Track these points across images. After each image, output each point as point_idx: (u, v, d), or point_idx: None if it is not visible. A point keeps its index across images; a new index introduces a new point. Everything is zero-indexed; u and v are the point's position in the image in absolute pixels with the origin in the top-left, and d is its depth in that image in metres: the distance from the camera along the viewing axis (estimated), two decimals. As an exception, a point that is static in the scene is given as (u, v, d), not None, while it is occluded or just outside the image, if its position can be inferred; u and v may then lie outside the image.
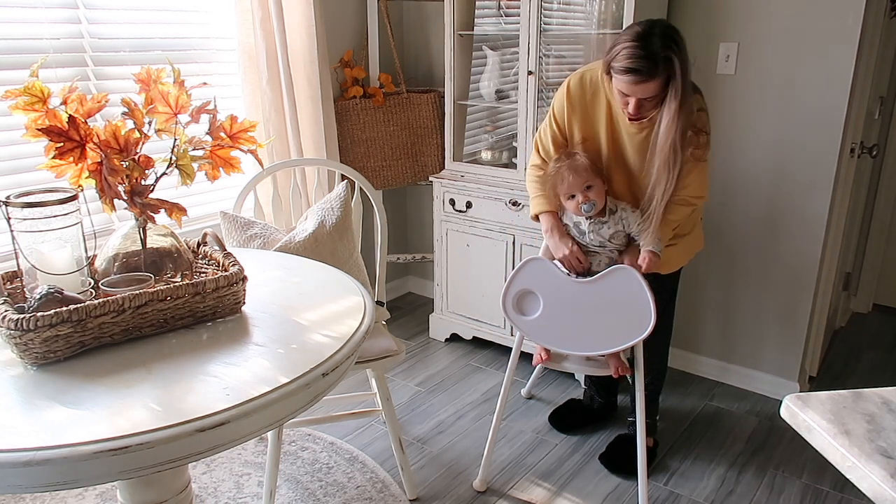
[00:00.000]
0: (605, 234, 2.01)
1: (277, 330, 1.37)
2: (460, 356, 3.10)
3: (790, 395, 1.08)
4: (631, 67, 1.75)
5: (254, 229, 2.09)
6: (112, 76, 2.36)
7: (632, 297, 1.93)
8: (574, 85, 2.02)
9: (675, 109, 1.79)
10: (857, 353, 3.17)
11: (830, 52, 2.37)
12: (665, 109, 1.81)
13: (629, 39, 1.76)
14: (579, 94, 2.01)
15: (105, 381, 1.17)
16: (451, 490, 2.22)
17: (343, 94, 3.11)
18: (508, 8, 2.86)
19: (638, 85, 1.77)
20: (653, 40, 1.73)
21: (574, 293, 2.00)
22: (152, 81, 1.41)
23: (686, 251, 2.16)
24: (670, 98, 1.79)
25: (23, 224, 1.28)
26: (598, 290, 1.98)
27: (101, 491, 2.14)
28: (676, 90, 1.77)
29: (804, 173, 2.51)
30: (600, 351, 1.99)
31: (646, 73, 1.75)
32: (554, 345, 2.04)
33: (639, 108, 1.83)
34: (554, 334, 2.02)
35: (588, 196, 1.97)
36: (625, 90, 1.81)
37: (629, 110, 1.85)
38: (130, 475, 1.06)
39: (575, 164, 1.99)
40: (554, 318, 2.01)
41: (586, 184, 1.97)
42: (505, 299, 2.05)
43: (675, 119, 1.79)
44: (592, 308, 1.98)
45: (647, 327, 1.91)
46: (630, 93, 1.81)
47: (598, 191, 1.99)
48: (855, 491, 2.17)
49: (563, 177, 1.99)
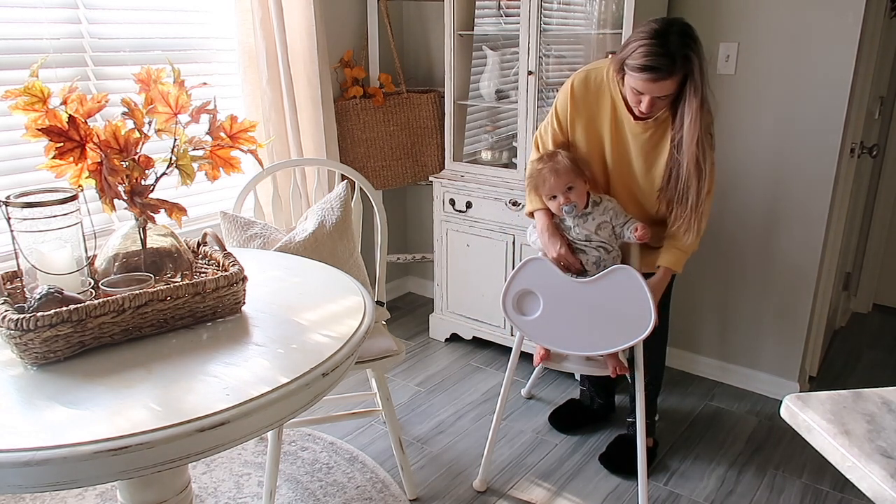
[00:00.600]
0: (590, 226, 2.01)
1: (277, 330, 1.37)
2: (460, 356, 3.10)
3: (790, 395, 1.08)
4: (648, 65, 1.73)
5: (254, 229, 2.09)
6: (112, 76, 2.36)
7: (632, 297, 1.93)
8: (578, 84, 2.01)
9: (697, 107, 1.78)
10: (857, 353, 3.17)
11: (830, 52, 2.37)
12: (686, 108, 1.80)
13: (646, 37, 1.74)
14: (583, 93, 2.00)
15: (105, 381, 1.17)
16: (451, 490, 2.22)
17: (343, 94, 3.11)
18: (508, 8, 2.86)
19: (655, 83, 1.76)
20: (671, 38, 1.72)
21: (574, 293, 2.00)
22: (152, 81, 1.41)
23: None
24: (690, 96, 1.78)
25: (23, 224, 1.28)
26: (597, 290, 1.97)
27: (101, 491, 2.14)
28: (696, 88, 1.76)
29: (804, 173, 2.51)
30: (600, 351, 1.99)
31: (664, 71, 1.73)
32: (554, 345, 2.04)
33: (651, 107, 1.82)
34: (554, 334, 2.02)
35: (569, 197, 1.97)
36: (640, 88, 1.79)
37: (642, 108, 1.83)
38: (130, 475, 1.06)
39: (556, 165, 1.98)
40: (554, 318, 2.01)
41: (567, 185, 1.97)
42: (505, 299, 2.05)
43: (698, 117, 1.79)
44: (592, 308, 1.98)
45: (646, 327, 1.91)
46: (645, 90, 1.79)
47: (580, 192, 1.99)
48: (855, 491, 2.17)
49: (544, 178, 1.99)
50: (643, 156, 1.97)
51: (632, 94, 1.85)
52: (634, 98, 1.84)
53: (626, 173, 2.04)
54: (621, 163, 2.03)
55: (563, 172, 1.97)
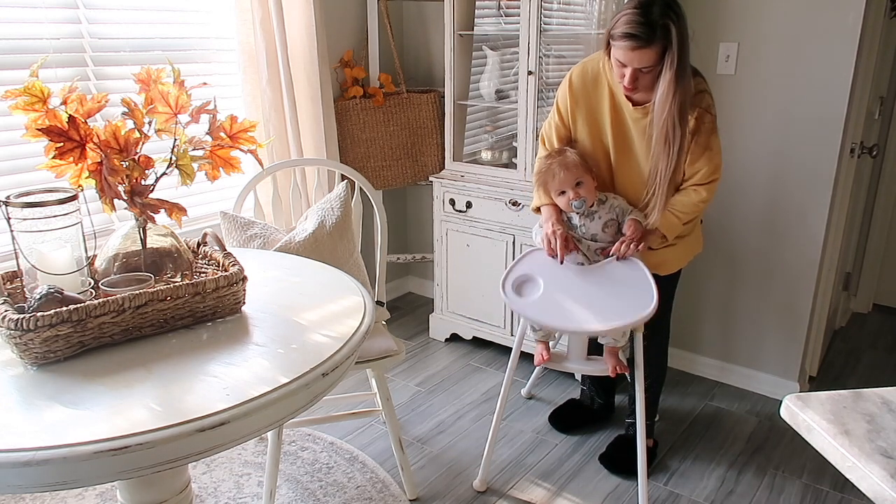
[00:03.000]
0: (597, 224, 2.02)
1: (277, 330, 1.37)
2: (460, 356, 3.10)
3: (790, 395, 1.08)
4: (628, 32, 1.76)
5: (254, 229, 2.09)
6: (112, 76, 2.36)
7: (634, 280, 1.94)
8: (576, 76, 2.04)
9: (671, 79, 1.79)
10: (857, 353, 3.17)
11: (830, 52, 2.36)
12: (660, 80, 1.81)
13: (630, 8, 1.78)
14: (581, 84, 2.03)
15: (105, 381, 1.17)
16: (451, 490, 2.22)
17: (343, 94, 3.11)
18: (508, 8, 2.86)
19: (635, 52, 1.78)
20: (653, 9, 1.75)
21: (575, 277, 2.00)
22: (152, 81, 1.41)
23: (685, 253, 2.16)
24: (666, 68, 1.79)
25: (23, 224, 1.28)
26: (599, 274, 1.98)
27: (101, 491, 2.14)
28: (672, 60, 1.78)
29: (804, 173, 2.51)
30: (602, 326, 1.90)
31: (643, 38, 1.75)
32: (554, 322, 1.95)
33: (634, 81, 1.84)
34: (554, 312, 1.95)
35: (579, 193, 1.99)
36: (622, 58, 1.82)
37: (625, 83, 1.85)
38: (130, 475, 1.06)
39: (566, 160, 2.00)
40: (554, 298, 1.98)
41: (577, 180, 1.99)
42: (504, 283, 2.04)
43: (671, 89, 1.80)
44: (594, 290, 1.96)
45: (649, 307, 1.89)
46: (626, 60, 1.81)
47: (588, 187, 2.00)
48: (855, 491, 2.16)
49: (553, 173, 2.00)
50: (644, 141, 1.98)
51: (617, 68, 1.86)
52: (619, 72, 1.86)
53: (629, 161, 2.04)
54: (623, 149, 2.04)
55: (573, 167, 1.99)
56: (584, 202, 1.99)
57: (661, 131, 1.86)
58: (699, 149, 1.93)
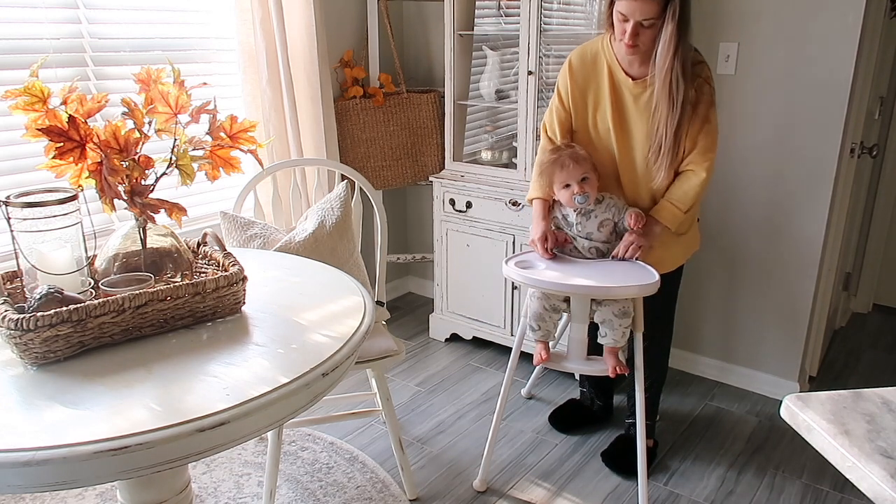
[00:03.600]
0: (593, 223, 2.04)
1: (277, 330, 1.37)
2: (460, 356, 3.10)
3: (790, 395, 1.08)
4: None
5: (254, 229, 2.09)
6: (112, 76, 2.36)
7: (635, 267, 1.98)
8: (576, 58, 2.07)
9: (673, 30, 1.81)
10: (857, 353, 3.17)
11: (830, 52, 2.36)
12: (662, 32, 1.83)
13: None
14: (580, 65, 2.05)
15: (105, 381, 1.17)
16: (451, 490, 2.22)
17: (343, 94, 3.11)
18: (508, 8, 2.86)
19: (636, 2, 1.79)
20: None
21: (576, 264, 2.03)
22: (152, 81, 1.41)
23: (683, 251, 2.17)
24: (668, 19, 1.81)
25: (23, 224, 1.28)
26: (599, 264, 2.02)
27: (101, 491, 2.14)
28: (674, 12, 1.80)
29: (804, 173, 2.51)
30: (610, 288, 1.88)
31: None
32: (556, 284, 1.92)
33: (635, 36, 1.85)
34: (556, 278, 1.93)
35: (583, 188, 1.99)
36: (624, 10, 1.83)
37: (626, 39, 1.86)
38: (130, 475, 1.06)
39: (576, 153, 2.02)
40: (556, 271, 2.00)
41: (583, 175, 2.00)
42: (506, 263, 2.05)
43: (673, 41, 1.81)
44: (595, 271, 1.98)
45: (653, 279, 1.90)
46: (629, 12, 1.82)
47: (592, 184, 2.02)
48: (855, 491, 2.17)
49: (563, 164, 2.01)
50: (644, 118, 1.98)
51: (619, 25, 1.87)
52: (620, 27, 1.87)
53: (629, 143, 2.04)
54: (623, 130, 2.04)
55: (582, 161, 2.01)
56: (588, 197, 2.00)
57: (663, 83, 1.86)
58: (698, 120, 1.94)
